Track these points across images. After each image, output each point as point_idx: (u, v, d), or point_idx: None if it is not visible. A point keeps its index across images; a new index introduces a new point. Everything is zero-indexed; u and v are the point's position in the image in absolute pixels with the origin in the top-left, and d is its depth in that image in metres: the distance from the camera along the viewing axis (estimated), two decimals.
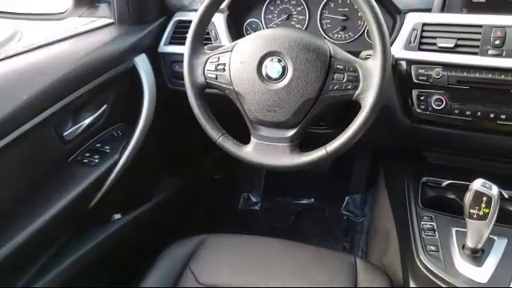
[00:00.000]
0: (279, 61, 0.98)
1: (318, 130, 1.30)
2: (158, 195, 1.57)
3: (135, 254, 1.34)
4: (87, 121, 1.20)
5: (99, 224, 1.30)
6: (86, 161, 1.21)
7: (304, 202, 2.05)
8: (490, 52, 1.05)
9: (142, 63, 1.32)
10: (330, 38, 1.31)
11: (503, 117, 1.07)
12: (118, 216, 1.39)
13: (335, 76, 0.96)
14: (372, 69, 0.94)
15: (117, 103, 1.30)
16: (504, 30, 1.04)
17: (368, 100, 0.94)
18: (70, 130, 1.15)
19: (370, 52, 0.98)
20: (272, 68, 0.98)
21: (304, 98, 0.97)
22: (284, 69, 0.97)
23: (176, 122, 1.53)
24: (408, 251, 1.07)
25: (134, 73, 1.31)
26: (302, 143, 1.03)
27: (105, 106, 1.26)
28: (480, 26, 1.07)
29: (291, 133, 1.00)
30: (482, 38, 1.06)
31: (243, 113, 1.04)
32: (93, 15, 1.43)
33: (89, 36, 1.29)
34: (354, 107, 0.97)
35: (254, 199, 2.08)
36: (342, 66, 0.96)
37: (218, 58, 1.05)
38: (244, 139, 1.07)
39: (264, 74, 0.99)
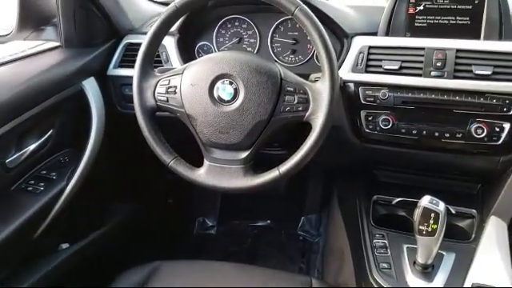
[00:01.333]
0: (231, 83, 0.98)
1: (272, 151, 1.30)
2: (109, 222, 1.52)
3: (85, 284, 1.28)
4: (32, 147, 1.15)
5: (46, 254, 1.24)
6: (30, 188, 1.15)
7: (260, 224, 2.04)
8: (432, 73, 1.10)
9: (91, 87, 1.29)
10: (281, 61, 1.33)
11: (447, 135, 1.12)
12: (65, 245, 1.33)
13: (286, 98, 0.97)
14: (321, 91, 0.96)
15: (64, 128, 1.26)
16: (445, 52, 1.10)
17: (318, 121, 0.95)
18: (13, 157, 1.10)
19: (318, 75, 1.00)
20: (224, 90, 0.98)
21: (256, 120, 0.97)
22: (236, 91, 0.98)
23: (127, 146, 1.50)
24: (362, 269, 1.08)
25: (81, 97, 1.28)
26: (257, 165, 1.03)
27: (51, 131, 1.21)
28: (423, 49, 1.12)
29: (244, 155, 1.00)
30: (425, 60, 1.11)
31: (195, 135, 1.03)
32: (38, 38, 1.38)
33: (34, 59, 1.25)
34: (307, 128, 0.99)
35: (209, 223, 2.05)
36: (292, 89, 0.98)
37: (169, 80, 1.04)
38: (197, 162, 1.05)
39: (216, 96, 0.99)
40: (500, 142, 1.09)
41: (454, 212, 1.22)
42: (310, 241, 1.94)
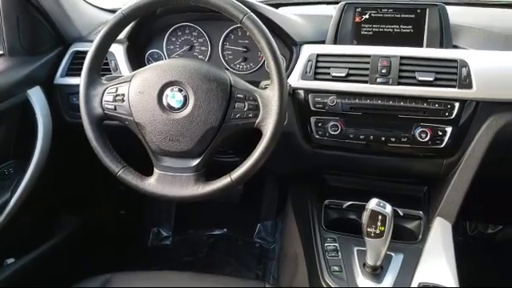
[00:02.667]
0: (180, 90, 0.98)
1: (226, 158, 1.30)
2: (58, 235, 1.47)
3: None
4: None
5: None
6: None
7: (216, 232, 2.02)
8: (378, 80, 1.14)
9: (36, 96, 1.25)
10: (233, 68, 1.33)
11: (393, 139, 1.16)
12: (11, 260, 1.28)
13: (236, 105, 0.98)
14: (270, 97, 0.97)
15: (8, 139, 1.21)
16: (389, 59, 1.14)
17: (268, 127, 0.96)
18: None
19: (268, 82, 1.02)
20: (173, 97, 0.98)
21: (207, 127, 0.97)
22: (185, 98, 0.98)
23: (76, 156, 1.45)
24: (314, 273, 1.09)
25: (27, 106, 1.23)
26: (211, 172, 1.03)
27: None
28: (368, 57, 1.16)
29: (196, 162, 1.00)
30: (371, 68, 1.15)
31: (145, 144, 1.02)
32: None
33: None
34: (260, 135, 0.99)
35: (164, 233, 2.02)
36: (242, 95, 0.98)
37: (116, 88, 1.02)
38: (149, 171, 1.04)
39: (165, 103, 0.98)
40: (443, 145, 1.14)
41: (401, 214, 1.26)
42: (266, 247, 1.94)
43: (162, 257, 1.92)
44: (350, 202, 1.30)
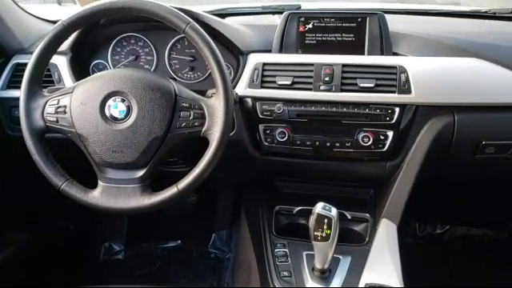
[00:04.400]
0: (123, 100, 0.97)
1: (177, 168, 1.29)
2: (2, 252, 1.40)
3: None
4: None
5: None
6: None
7: (170, 244, 2.00)
8: (321, 87, 1.16)
9: None
10: (180, 77, 1.33)
11: (338, 144, 1.19)
12: None
13: (181, 114, 0.98)
14: (216, 106, 0.97)
15: None
16: (332, 67, 1.17)
17: (215, 135, 0.97)
18: None
19: (214, 90, 1.02)
20: (115, 108, 0.97)
21: (151, 137, 0.96)
22: (128, 108, 0.97)
23: (20, 171, 1.40)
24: (265, 280, 1.10)
25: None
26: (160, 183, 1.02)
27: None
28: (312, 65, 1.19)
29: (141, 173, 0.99)
30: (315, 75, 1.17)
31: (88, 156, 1.00)
32: None
33: None
34: (207, 144, 0.99)
35: (116, 248, 1.97)
36: (187, 104, 0.98)
37: (58, 100, 1.00)
38: (94, 184, 1.02)
39: (108, 114, 0.97)
40: (385, 148, 1.18)
41: (349, 217, 1.29)
42: (221, 257, 1.93)
43: (114, 272, 1.87)
44: (300, 207, 1.32)
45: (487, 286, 1.71)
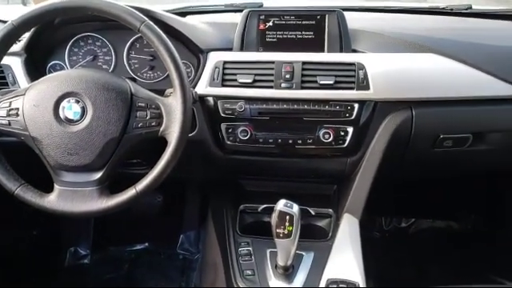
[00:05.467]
0: (77, 101, 0.95)
1: (137, 170, 1.27)
2: None
3: None
4: None
5: None
6: None
7: (138, 247, 1.97)
8: (282, 85, 1.17)
9: None
10: (140, 77, 1.31)
11: (300, 141, 1.19)
12: None
13: (138, 114, 0.97)
14: (173, 105, 0.96)
15: None
16: (292, 65, 1.17)
17: (173, 135, 0.96)
18: None
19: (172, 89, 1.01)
20: (70, 109, 0.95)
21: (107, 138, 0.95)
22: (83, 109, 0.95)
23: None
24: (229, 279, 1.09)
25: None
26: (121, 185, 1.00)
27: None
28: (272, 63, 1.19)
29: (98, 175, 0.97)
30: (275, 73, 1.17)
31: (42, 159, 0.98)
32: None
33: None
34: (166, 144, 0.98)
35: (82, 252, 1.93)
36: (143, 104, 0.97)
37: (10, 102, 0.98)
38: (51, 188, 0.99)
39: (62, 116, 0.95)
40: (346, 144, 1.19)
41: (313, 213, 1.30)
42: (189, 258, 1.92)
43: (80, 277, 1.83)
44: (265, 205, 1.32)
45: (453, 276, 1.75)
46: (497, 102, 1.24)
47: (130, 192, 0.96)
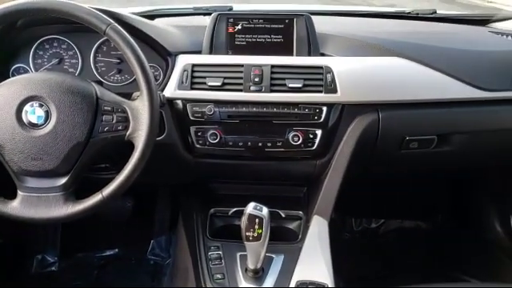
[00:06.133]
0: (41, 105, 0.93)
1: (106, 175, 1.25)
2: None
3: None
4: None
5: None
6: None
7: (107, 253, 1.93)
8: (251, 88, 1.17)
9: None
10: (107, 80, 1.29)
11: (269, 144, 1.20)
12: None
13: (104, 118, 0.95)
14: (140, 108, 0.95)
15: None
16: (261, 68, 1.18)
17: (140, 139, 0.95)
18: None
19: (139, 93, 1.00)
20: (33, 113, 0.92)
21: (73, 143, 0.93)
22: (47, 114, 0.93)
23: None
24: (199, 284, 1.09)
25: None
26: (89, 190, 0.98)
27: None
28: (241, 66, 1.19)
29: (63, 181, 0.95)
30: (244, 76, 1.18)
31: (5, 164, 0.95)
32: None
33: None
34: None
35: (49, 259, 1.87)
36: (110, 108, 0.96)
37: None
38: (15, 194, 0.97)
39: (25, 120, 0.93)
40: (314, 147, 1.20)
41: (283, 215, 1.30)
42: (160, 263, 1.89)
43: (47, 285, 1.78)
44: (236, 209, 1.32)
45: (420, 275, 1.79)
46: (460, 105, 1.27)
47: (97, 197, 0.95)
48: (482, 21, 1.63)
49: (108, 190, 0.95)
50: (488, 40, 1.45)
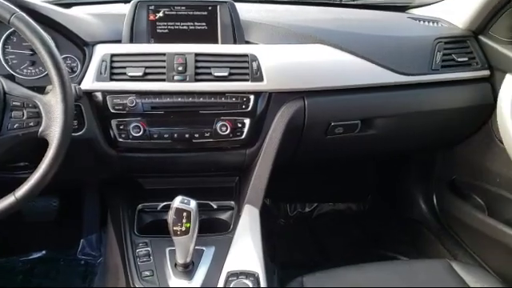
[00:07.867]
0: None
1: (24, 174, 1.17)
2: None
3: None
4: None
5: None
6: None
7: (34, 256, 1.83)
8: (175, 78, 1.14)
9: None
10: (19, 74, 1.19)
11: (197, 135, 1.17)
12: None
13: (13, 114, 0.89)
14: (52, 103, 0.90)
15: None
16: (184, 56, 1.15)
17: (54, 135, 0.89)
18: None
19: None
20: None
21: None
22: None
23: None
24: (127, 282, 1.05)
25: None
26: (7, 191, 0.91)
27: None
28: (164, 55, 1.15)
29: None
30: (167, 66, 1.14)
31: None
32: None
33: None
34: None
35: None
36: (19, 103, 0.90)
37: None
38: None
39: None
40: (243, 136, 1.19)
41: (215, 207, 1.29)
42: (92, 263, 1.82)
43: None
44: (165, 203, 1.29)
45: (351, 255, 1.85)
46: (382, 89, 1.31)
47: (9, 199, 0.88)
48: (402, 7, 1.68)
49: (21, 192, 0.88)
50: (407, 26, 1.50)
